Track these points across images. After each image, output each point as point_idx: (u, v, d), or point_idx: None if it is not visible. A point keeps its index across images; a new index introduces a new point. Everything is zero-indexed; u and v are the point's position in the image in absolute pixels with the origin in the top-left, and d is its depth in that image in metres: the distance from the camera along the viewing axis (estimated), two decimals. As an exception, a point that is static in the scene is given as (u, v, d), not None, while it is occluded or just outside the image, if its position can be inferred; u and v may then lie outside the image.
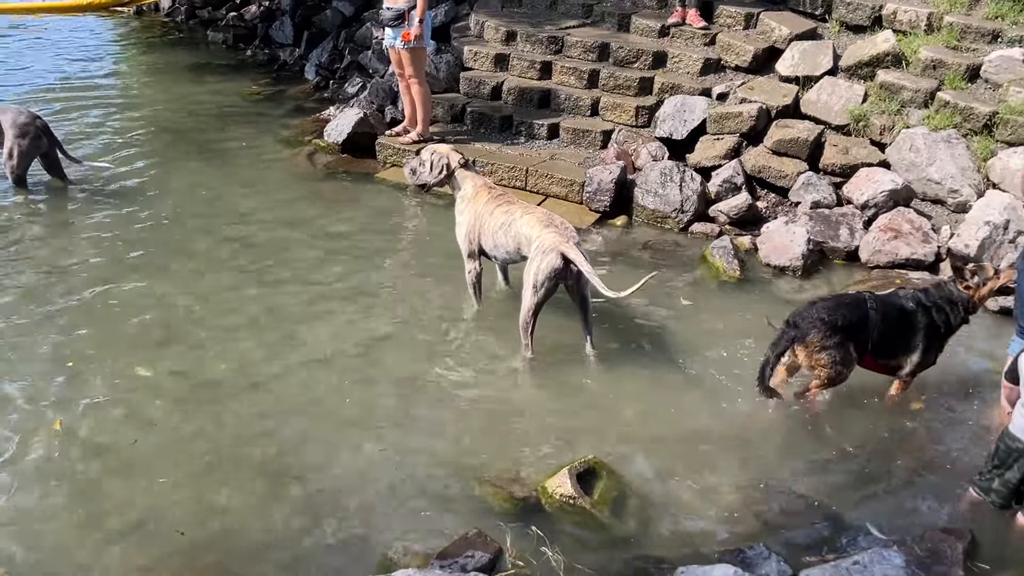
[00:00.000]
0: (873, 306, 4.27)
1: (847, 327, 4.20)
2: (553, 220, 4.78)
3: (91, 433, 4.08)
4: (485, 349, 4.94)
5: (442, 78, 8.24)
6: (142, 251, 5.86)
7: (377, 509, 3.73)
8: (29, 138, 6.51)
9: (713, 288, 5.67)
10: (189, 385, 4.48)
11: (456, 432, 4.23)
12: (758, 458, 4.15)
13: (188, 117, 8.65)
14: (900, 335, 4.31)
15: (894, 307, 4.31)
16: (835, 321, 4.19)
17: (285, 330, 5.02)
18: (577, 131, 7.43)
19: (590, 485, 3.76)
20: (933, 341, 4.34)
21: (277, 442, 4.10)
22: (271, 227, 6.30)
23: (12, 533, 3.51)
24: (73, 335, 4.87)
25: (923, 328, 4.30)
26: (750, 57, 7.41)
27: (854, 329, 4.23)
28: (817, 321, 4.20)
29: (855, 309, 4.26)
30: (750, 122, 6.83)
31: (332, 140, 7.81)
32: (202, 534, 3.55)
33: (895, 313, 4.29)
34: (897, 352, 4.36)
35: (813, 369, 4.28)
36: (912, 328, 4.30)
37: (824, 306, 4.26)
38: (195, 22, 12.50)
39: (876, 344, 4.28)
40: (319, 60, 10.14)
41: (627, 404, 4.49)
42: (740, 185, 6.58)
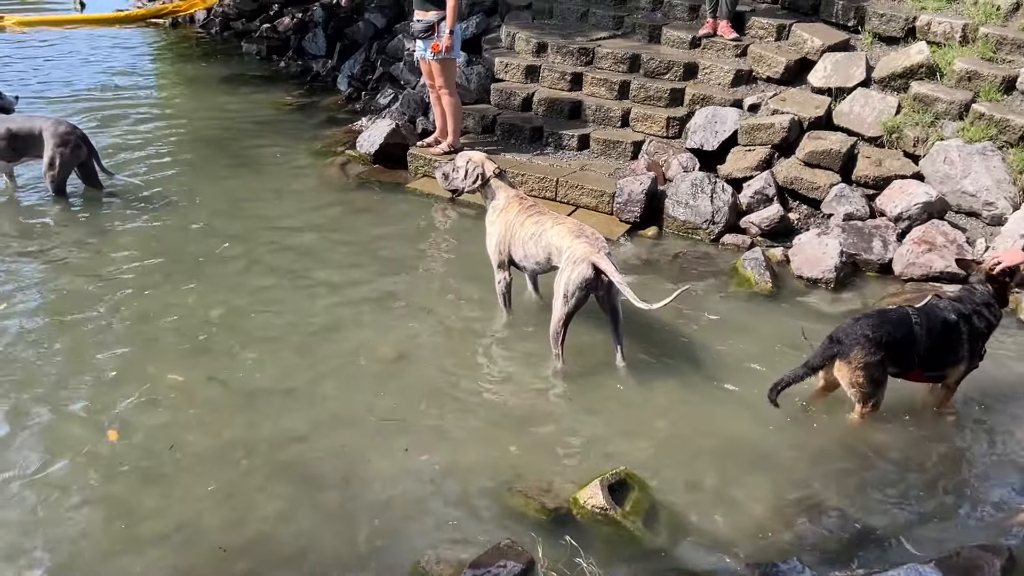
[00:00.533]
0: (918, 321, 4.24)
1: (891, 344, 4.18)
2: (584, 230, 4.79)
3: (128, 439, 4.14)
4: (515, 359, 4.95)
5: (473, 89, 8.29)
6: (177, 259, 5.94)
7: (409, 517, 3.75)
8: (69, 148, 6.63)
9: (744, 300, 5.65)
10: (224, 392, 4.53)
11: (487, 441, 4.24)
12: (790, 471, 4.12)
13: (222, 127, 8.76)
14: (947, 348, 4.28)
15: (937, 320, 4.27)
16: (880, 338, 4.16)
17: (318, 338, 5.06)
18: (607, 142, 7.45)
19: (622, 497, 3.76)
20: (977, 346, 4.32)
21: (310, 449, 4.13)
22: (304, 236, 6.37)
23: (51, 536, 3.57)
24: (109, 342, 4.94)
25: (967, 337, 4.28)
26: (782, 68, 7.39)
27: (898, 346, 4.20)
28: (861, 338, 4.16)
29: (900, 326, 4.23)
30: (782, 134, 6.81)
31: (364, 151, 7.88)
32: (236, 540, 3.59)
33: (939, 327, 4.25)
34: (945, 364, 4.33)
35: (851, 387, 4.24)
36: (958, 339, 4.28)
37: (869, 323, 4.23)
38: (229, 34, 12.67)
39: (924, 359, 4.25)
40: (351, 71, 10.24)
41: (657, 416, 4.48)
42: (772, 197, 6.55)
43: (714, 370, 4.86)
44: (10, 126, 6.59)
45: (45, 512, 3.69)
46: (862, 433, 4.34)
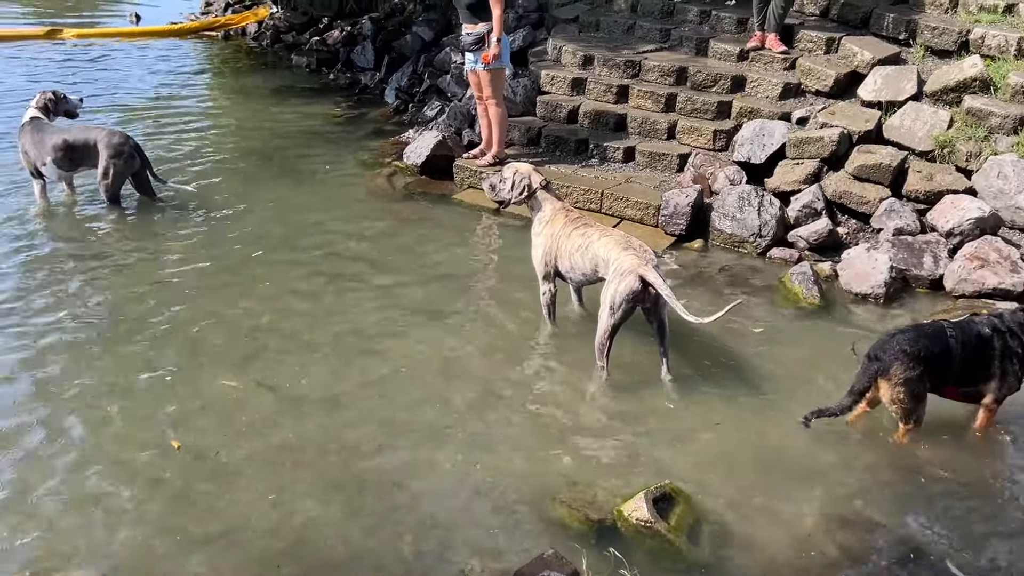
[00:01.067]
0: (953, 335, 4.19)
1: (929, 358, 4.12)
2: (631, 243, 4.79)
3: (181, 443, 4.22)
4: (560, 370, 4.96)
5: (519, 101, 8.34)
6: (227, 266, 6.06)
7: (453, 525, 3.77)
8: (123, 158, 6.79)
9: (792, 314, 5.60)
10: (273, 398, 4.60)
11: (531, 452, 4.25)
12: (837, 487, 4.07)
13: (272, 138, 8.91)
14: (979, 363, 4.22)
15: (972, 334, 4.22)
16: (918, 352, 4.11)
17: (364, 345, 5.12)
18: (653, 154, 7.44)
19: (666, 510, 3.74)
20: (1010, 366, 4.24)
21: (356, 456, 4.18)
22: (351, 245, 6.45)
23: (102, 536, 3.65)
24: (163, 347, 5.05)
25: (999, 354, 4.21)
26: (831, 82, 7.32)
27: (936, 360, 4.15)
28: (900, 353, 4.12)
29: (936, 340, 4.18)
30: (831, 147, 6.75)
31: (411, 162, 7.95)
32: (282, 544, 3.63)
33: (974, 341, 4.20)
34: (977, 380, 4.27)
35: (892, 404, 4.19)
36: (991, 354, 4.21)
37: (906, 338, 4.18)
38: (280, 46, 12.88)
39: (958, 374, 4.20)
40: (399, 84, 10.35)
41: (703, 429, 4.45)
42: (820, 210, 6.49)
43: (760, 384, 4.83)
44: (67, 137, 6.77)
45: (98, 514, 3.77)
46: (911, 450, 4.27)
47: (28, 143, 6.81)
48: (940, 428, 4.38)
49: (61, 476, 3.97)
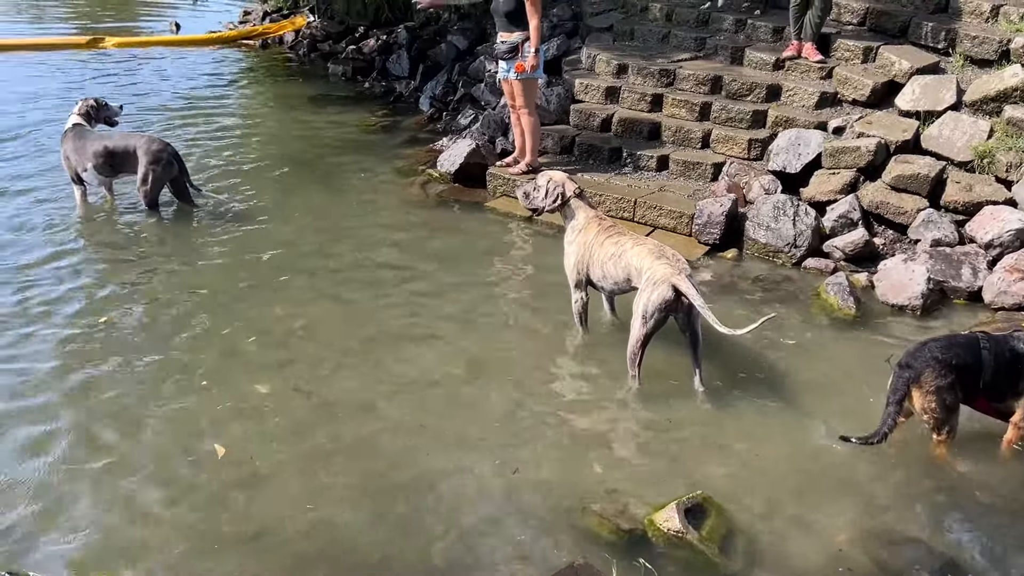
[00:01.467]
0: (986, 346, 4.12)
1: (961, 367, 4.07)
2: (664, 252, 4.77)
3: (214, 447, 4.27)
4: (591, 378, 4.95)
5: (552, 110, 8.35)
6: (262, 271, 6.12)
7: (483, 533, 3.77)
8: (161, 165, 6.89)
9: (827, 325, 5.54)
10: (306, 403, 4.64)
11: (562, 460, 4.25)
12: (872, 499, 4.02)
13: (308, 146, 9.00)
14: (1010, 378, 4.14)
15: (1005, 348, 4.14)
16: (950, 360, 4.06)
17: (397, 351, 5.15)
18: (687, 163, 7.41)
19: (698, 521, 3.71)
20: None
21: (387, 462, 4.20)
22: (385, 252, 6.50)
23: (137, 537, 3.70)
24: (199, 351, 5.11)
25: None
26: (868, 91, 7.26)
27: (968, 370, 4.09)
28: (931, 360, 4.07)
29: (969, 349, 4.12)
30: (868, 157, 6.68)
31: (445, 170, 7.99)
32: (314, 548, 3.66)
33: (1007, 355, 4.13)
34: (1006, 395, 4.19)
35: (923, 413, 4.13)
36: (1021, 371, 4.13)
37: (937, 345, 4.13)
38: (316, 55, 13.01)
39: (988, 386, 4.13)
40: (433, 92, 10.42)
41: (736, 440, 4.42)
42: (856, 221, 6.42)
43: (794, 395, 4.78)
44: (107, 144, 6.89)
45: (133, 515, 3.82)
46: (948, 463, 4.21)
47: (70, 149, 6.94)
48: (976, 441, 4.31)
49: (97, 478, 4.03)
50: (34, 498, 3.87)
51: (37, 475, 4.02)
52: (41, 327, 5.30)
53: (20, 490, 3.92)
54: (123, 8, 15.39)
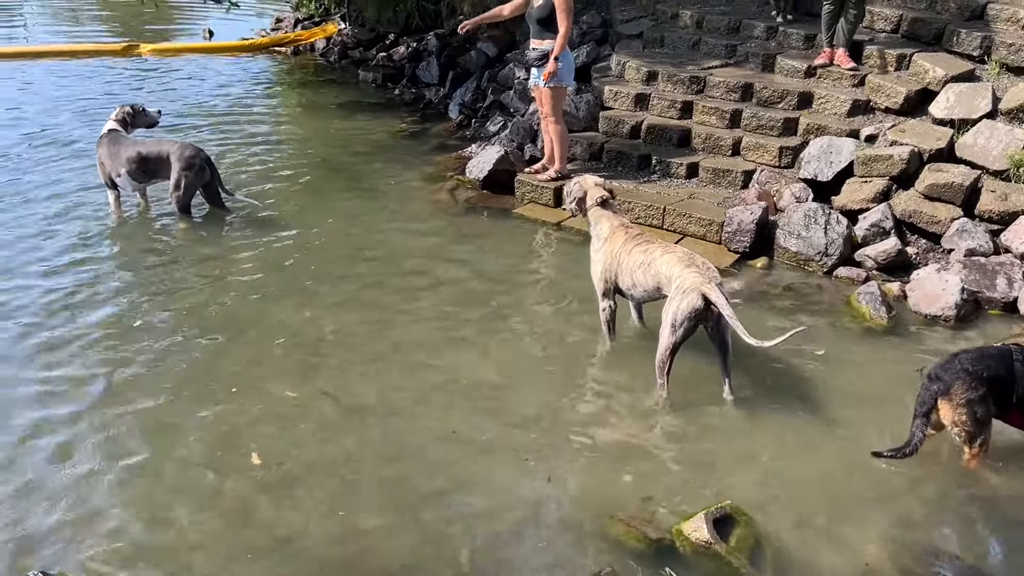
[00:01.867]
0: (1019, 359, 4.05)
1: (993, 380, 3.99)
2: (694, 260, 4.74)
3: (245, 450, 4.30)
4: (619, 386, 4.93)
5: (582, 117, 8.34)
6: (292, 277, 6.17)
7: (509, 541, 3.77)
8: (194, 170, 6.96)
9: (858, 335, 5.48)
10: (334, 407, 4.67)
11: (589, 468, 4.24)
12: (904, 512, 3.97)
13: (338, 152, 9.06)
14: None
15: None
16: (980, 372, 3.99)
17: (425, 357, 5.16)
18: (717, 170, 7.37)
19: (727, 531, 3.69)
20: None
21: (415, 468, 4.21)
22: (413, 258, 6.52)
23: (166, 540, 3.74)
24: (229, 355, 5.16)
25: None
26: (901, 99, 7.18)
27: (1000, 383, 4.01)
28: (962, 372, 4.00)
29: (1001, 361, 4.05)
30: (901, 165, 6.61)
31: (473, 176, 8.01)
32: (341, 554, 3.68)
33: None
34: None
35: (954, 426, 4.07)
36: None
37: (968, 357, 4.06)
38: (347, 62, 13.09)
39: (1022, 400, 4.05)
40: (463, 99, 10.45)
41: (766, 450, 4.38)
42: (889, 230, 6.35)
43: (825, 405, 4.73)
44: (140, 150, 6.97)
45: (163, 518, 3.86)
46: (980, 476, 4.14)
47: (105, 154, 7.04)
48: (1010, 454, 4.24)
49: (126, 482, 4.08)
50: (65, 502, 3.92)
51: (67, 479, 4.07)
52: (74, 330, 5.37)
53: (51, 494, 3.97)
54: (157, 16, 15.57)
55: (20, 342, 5.23)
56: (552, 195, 7.47)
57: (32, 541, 3.69)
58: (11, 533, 3.73)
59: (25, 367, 4.98)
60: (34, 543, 3.68)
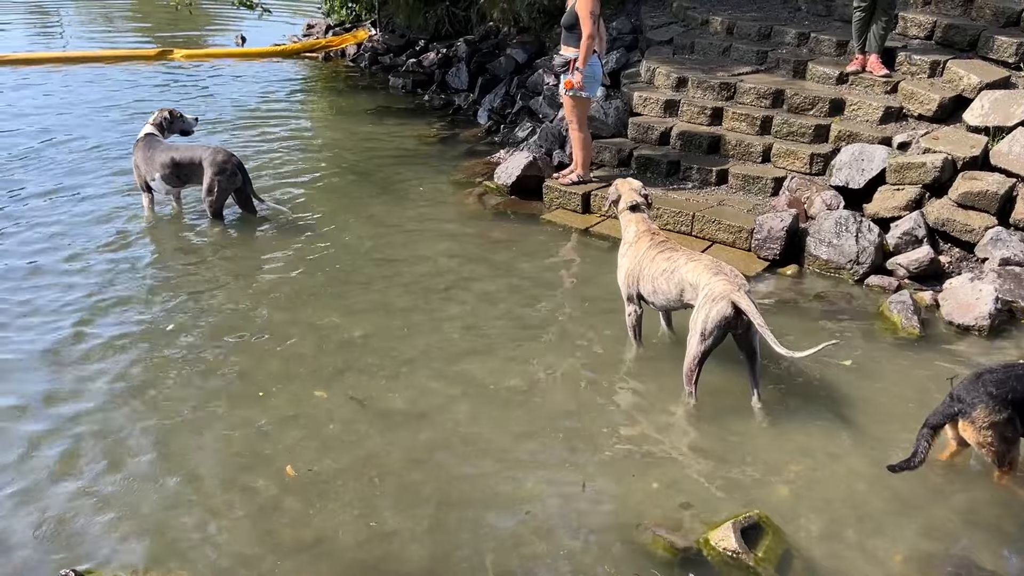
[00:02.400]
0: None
1: (1018, 402, 3.92)
2: (722, 268, 4.71)
3: (273, 452, 4.34)
4: (646, 394, 4.91)
5: (610, 123, 8.34)
6: (322, 280, 6.22)
7: (536, 547, 3.76)
8: (226, 175, 7.04)
9: (890, 344, 5.42)
10: (362, 411, 4.69)
11: (616, 476, 4.22)
12: (935, 524, 3.93)
13: (368, 157, 9.11)
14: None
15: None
16: (1005, 395, 3.90)
17: (451, 362, 5.18)
18: (747, 177, 7.33)
19: (755, 541, 3.66)
20: None
21: (442, 472, 4.22)
22: (441, 263, 6.54)
23: (196, 539, 3.77)
24: (260, 356, 5.21)
25: None
26: (935, 106, 7.10)
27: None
28: (984, 396, 3.92)
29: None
30: (934, 173, 6.53)
31: (501, 182, 8.03)
32: (368, 556, 3.69)
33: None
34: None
35: (980, 447, 4.00)
36: None
37: (992, 379, 3.97)
38: (377, 68, 13.18)
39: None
40: (491, 105, 10.48)
41: (794, 459, 4.35)
42: (921, 238, 6.28)
43: (856, 415, 4.69)
44: (174, 155, 7.06)
45: (192, 518, 3.90)
46: (1015, 488, 4.08)
47: (140, 158, 7.13)
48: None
49: (157, 482, 4.13)
50: (96, 500, 3.98)
51: (101, 479, 4.13)
52: (105, 330, 5.44)
53: (83, 493, 4.03)
54: (191, 22, 15.76)
55: (53, 341, 5.30)
56: (580, 201, 7.47)
57: (65, 539, 3.75)
58: (44, 531, 3.78)
59: (57, 366, 5.05)
60: (67, 541, 3.74)
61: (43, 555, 3.66)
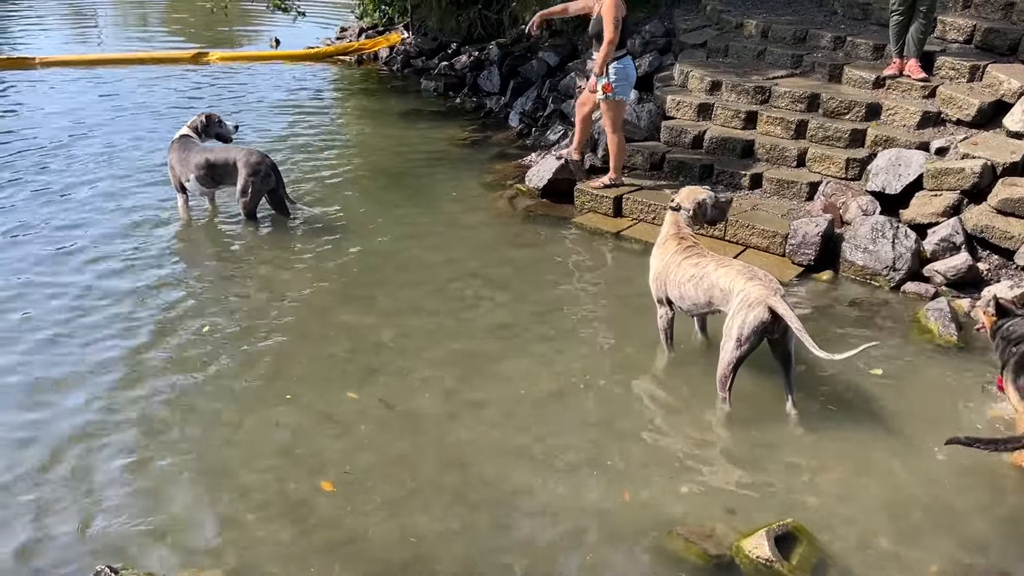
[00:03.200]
0: None
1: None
2: (756, 272, 4.66)
3: (305, 452, 4.36)
4: (680, 399, 4.87)
5: (643, 127, 8.30)
6: (354, 282, 6.24)
7: (567, 553, 3.74)
8: (260, 177, 7.09)
9: (926, 352, 5.34)
10: (393, 412, 4.70)
11: (648, 481, 4.19)
12: (974, 535, 3.85)
13: (400, 159, 9.15)
14: None
15: None
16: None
17: (481, 365, 5.17)
18: (781, 182, 7.26)
19: (788, 549, 3.61)
20: None
21: (472, 475, 4.21)
22: (472, 265, 6.54)
23: (228, 537, 3.79)
24: (292, 358, 5.23)
25: None
26: (974, 111, 6.99)
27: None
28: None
29: None
30: (973, 179, 6.43)
31: (532, 185, 8.02)
32: (399, 558, 3.69)
33: None
34: None
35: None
36: None
37: None
38: (410, 71, 13.23)
39: None
40: (523, 108, 10.47)
41: (830, 467, 4.29)
42: (959, 245, 6.19)
43: (892, 422, 4.62)
44: (208, 157, 7.12)
45: (224, 515, 3.93)
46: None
47: (175, 160, 7.21)
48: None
49: (190, 479, 4.16)
50: (130, 499, 4.01)
51: (133, 477, 4.17)
52: (138, 330, 5.50)
53: (117, 491, 4.06)
54: (226, 25, 15.93)
55: (83, 341, 5.37)
56: (611, 204, 7.44)
57: (100, 535, 3.78)
58: (80, 527, 3.83)
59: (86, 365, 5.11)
60: (102, 537, 3.77)
61: (78, 551, 3.69)
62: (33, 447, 4.34)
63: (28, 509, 3.92)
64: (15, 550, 3.69)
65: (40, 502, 3.97)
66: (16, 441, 4.39)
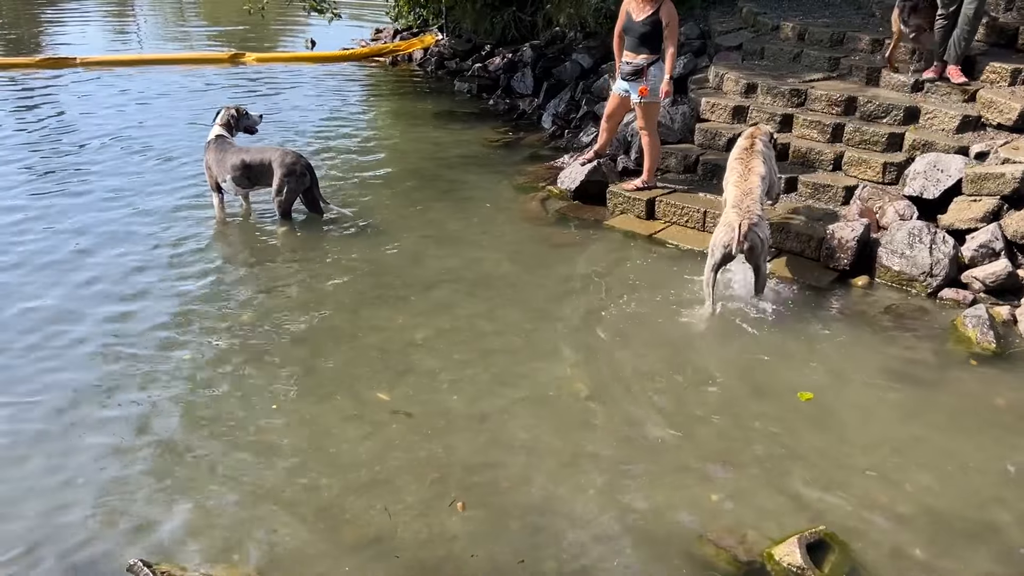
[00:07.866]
0: None
1: None
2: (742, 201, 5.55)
3: (336, 451, 4.38)
4: (709, 404, 4.84)
5: (677, 129, 8.25)
6: (386, 282, 6.27)
7: (596, 556, 3.73)
8: (295, 177, 7.15)
9: (964, 360, 5.25)
10: (423, 412, 4.71)
11: (679, 486, 4.16)
12: (1012, 546, 3.79)
13: (432, 160, 9.17)
14: None
15: None
16: None
17: (513, 367, 5.17)
18: (817, 185, 7.19)
19: (820, 557, 3.58)
20: None
21: (501, 476, 4.22)
22: (504, 267, 6.55)
23: (260, 535, 3.82)
24: (322, 357, 5.27)
25: None
26: (1015, 115, 6.87)
27: None
28: None
29: None
30: (1013, 184, 6.31)
31: (564, 187, 8.01)
32: (428, 557, 3.70)
33: None
34: None
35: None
36: None
37: None
38: (443, 72, 13.26)
39: None
40: (556, 110, 10.46)
41: (864, 475, 4.23)
42: (999, 251, 6.08)
43: (927, 430, 4.56)
44: (244, 157, 7.19)
45: (255, 513, 3.96)
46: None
47: (212, 160, 7.28)
48: None
49: (222, 477, 4.20)
50: (163, 495, 4.06)
51: (166, 473, 4.22)
52: (171, 328, 5.57)
53: (151, 487, 4.12)
54: (262, 26, 16.08)
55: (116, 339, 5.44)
56: (644, 207, 7.41)
57: (133, 530, 3.84)
58: (114, 522, 3.88)
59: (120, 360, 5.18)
60: (135, 532, 3.83)
61: (113, 545, 3.75)
62: (68, 436, 4.42)
63: (66, 500, 3.99)
64: (49, 540, 3.75)
65: (74, 497, 4.03)
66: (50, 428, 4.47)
